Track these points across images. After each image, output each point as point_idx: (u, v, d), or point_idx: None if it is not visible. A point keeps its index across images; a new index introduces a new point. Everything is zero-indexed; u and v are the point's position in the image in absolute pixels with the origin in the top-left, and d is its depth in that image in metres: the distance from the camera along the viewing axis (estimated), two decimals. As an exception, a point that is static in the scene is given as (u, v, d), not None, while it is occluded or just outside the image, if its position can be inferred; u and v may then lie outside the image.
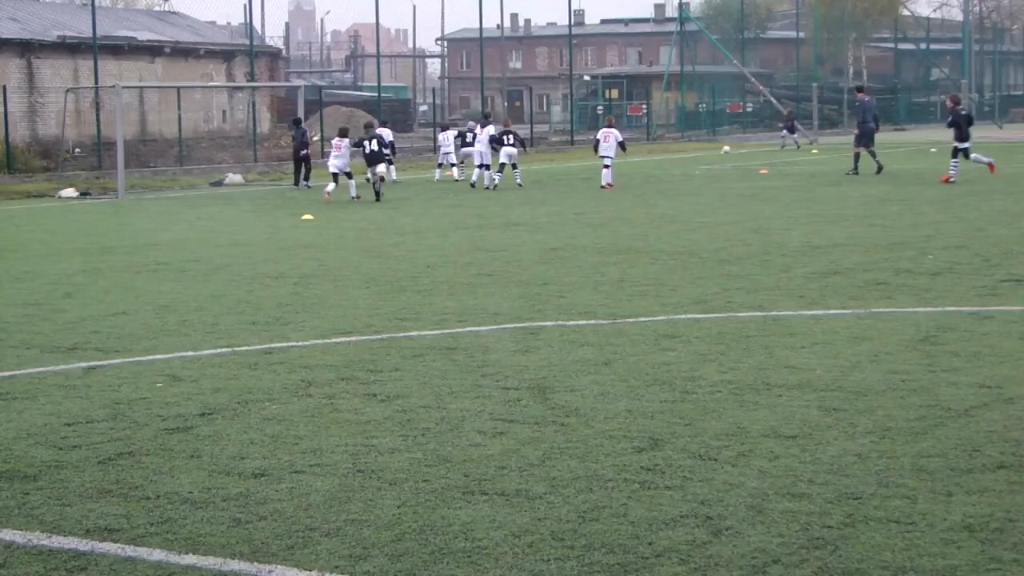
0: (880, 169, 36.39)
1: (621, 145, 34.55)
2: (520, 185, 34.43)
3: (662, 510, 6.98)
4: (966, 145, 33.31)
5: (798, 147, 56.16)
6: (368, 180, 32.41)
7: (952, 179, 32.39)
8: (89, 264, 19.03)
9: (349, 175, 32.51)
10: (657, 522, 6.79)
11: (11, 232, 25.30)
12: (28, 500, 7.42)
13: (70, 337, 12.70)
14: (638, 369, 10.59)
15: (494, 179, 34.82)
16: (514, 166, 35.12)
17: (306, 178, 37.68)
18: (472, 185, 35.40)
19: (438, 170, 39.74)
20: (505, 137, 35.22)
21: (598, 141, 34.81)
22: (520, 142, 36.15)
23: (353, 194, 32.04)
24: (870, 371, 10.33)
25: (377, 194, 31.54)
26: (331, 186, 31.82)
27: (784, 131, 58.18)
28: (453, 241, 21.30)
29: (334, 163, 32.71)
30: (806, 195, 29.94)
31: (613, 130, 34.79)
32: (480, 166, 35.61)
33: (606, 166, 33.99)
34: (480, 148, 35.59)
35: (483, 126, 36.20)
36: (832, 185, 33.08)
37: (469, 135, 38.53)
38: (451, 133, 39.93)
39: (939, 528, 6.63)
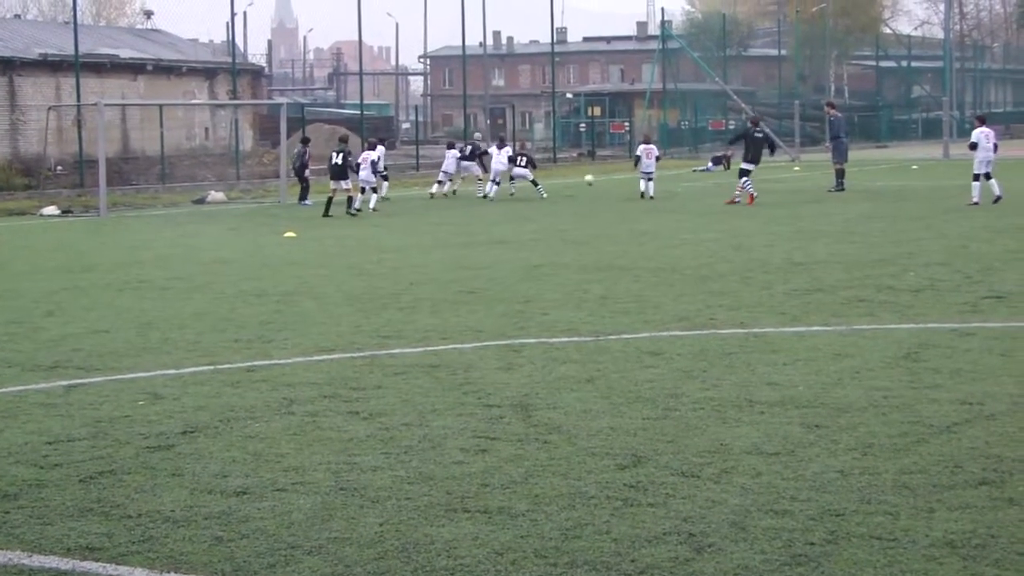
0: (840, 188, 36.77)
1: (657, 159, 37.60)
2: (543, 197, 37.10)
3: (645, 527, 6.97)
4: (750, 167, 33.68)
5: (708, 172, 54.98)
6: (347, 196, 32.92)
7: (739, 200, 32.99)
8: (71, 282, 18.99)
9: (374, 189, 34.21)
10: (640, 539, 6.79)
11: (-8, 250, 25.23)
12: (8, 519, 7.39)
13: (51, 355, 12.66)
14: (621, 386, 10.59)
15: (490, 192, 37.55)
16: (534, 183, 37.73)
17: (304, 197, 37.92)
18: (486, 197, 37.35)
19: (436, 186, 40.12)
20: (519, 159, 38.45)
21: (639, 157, 37.46)
22: (531, 163, 39.06)
23: (370, 205, 33.41)
24: (852, 388, 10.35)
25: (328, 208, 32.06)
26: (373, 198, 33.81)
27: (711, 161, 57.63)
28: (436, 258, 21.30)
29: (361, 175, 34.01)
30: (788, 212, 30.01)
31: (652, 146, 37.78)
32: (495, 182, 37.63)
33: (651, 179, 36.58)
34: (498, 167, 37.86)
35: (500, 147, 38.87)
36: (814, 202, 33.18)
37: (467, 148, 41.10)
38: (456, 152, 40.36)
39: (921, 544, 6.63)
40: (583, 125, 78.57)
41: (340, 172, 32.62)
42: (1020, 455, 8.23)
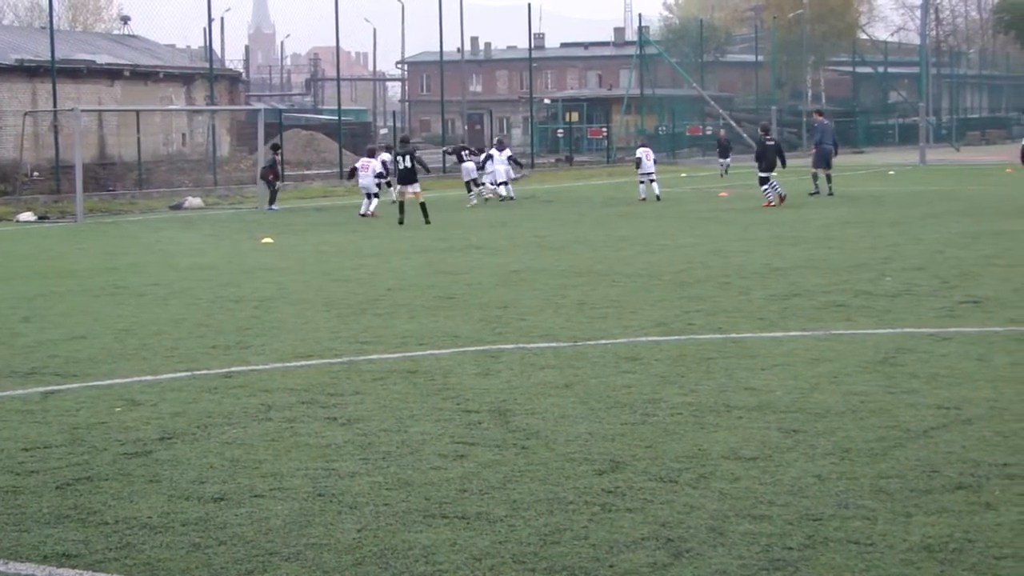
0: (830, 193, 37.18)
1: (655, 161, 39.42)
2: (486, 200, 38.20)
3: (623, 532, 6.98)
4: (767, 175, 34.34)
5: (724, 173, 53.52)
6: (394, 201, 32.15)
7: (773, 203, 33.52)
8: (47, 288, 18.92)
9: (376, 195, 33.78)
10: (618, 544, 6.79)
11: (-32, 256, 25.12)
12: (-15, 526, 7.36)
13: (28, 362, 12.61)
14: (599, 392, 10.60)
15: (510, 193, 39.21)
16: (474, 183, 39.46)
17: (272, 202, 38.02)
18: (501, 199, 38.70)
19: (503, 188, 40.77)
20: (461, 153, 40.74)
21: (640, 159, 38.46)
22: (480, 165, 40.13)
23: (369, 210, 33.19)
24: (830, 393, 10.37)
25: (402, 212, 30.12)
26: (372, 204, 33.47)
27: (719, 156, 55.59)
28: (414, 264, 21.28)
29: (363, 183, 34.09)
30: (766, 217, 30.07)
31: (649, 148, 39.46)
32: (501, 183, 39.00)
33: (653, 180, 37.96)
34: (501, 168, 39.24)
35: (500, 149, 39.97)
36: (792, 207, 33.24)
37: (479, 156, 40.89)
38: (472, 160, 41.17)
39: (899, 549, 6.65)
40: (561, 131, 78.61)
41: (410, 176, 30.45)
42: (997, 459, 8.26)
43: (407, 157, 30.55)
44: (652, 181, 38.09)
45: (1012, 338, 12.82)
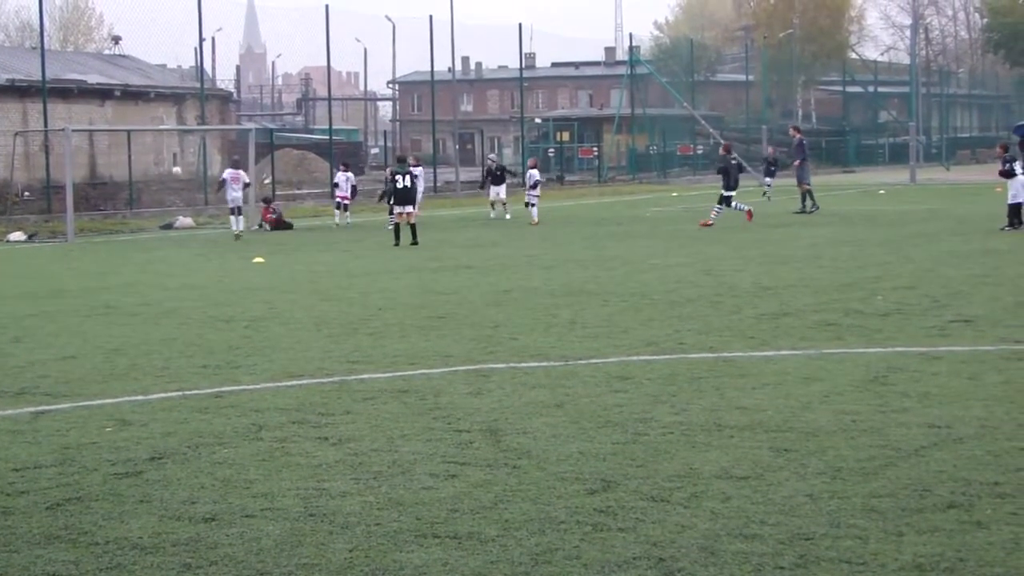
0: (803, 211, 37.60)
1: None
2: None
3: (615, 552, 6.97)
4: (731, 194, 35.01)
5: (770, 197, 47.74)
6: (392, 225, 31.11)
7: (711, 223, 33.82)
8: (38, 308, 18.88)
9: (239, 210, 33.60)
10: (610, 564, 6.78)
11: (-41, 276, 25.07)
12: (-25, 547, 7.34)
13: (18, 382, 12.58)
14: (590, 411, 10.59)
15: None
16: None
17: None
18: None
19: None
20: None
21: (538, 182, 38.77)
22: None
23: (240, 228, 33.19)
24: (821, 412, 10.37)
25: (398, 236, 29.58)
26: (240, 221, 33.44)
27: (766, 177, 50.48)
28: (405, 284, 21.27)
29: (232, 195, 33.90)
30: (756, 236, 30.10)
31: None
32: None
33: (533, 205, 37.92)
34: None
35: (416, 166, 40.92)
36: (782, 226, 33.30)
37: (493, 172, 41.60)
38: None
39: (890, 568, 6.64)
40: (552, 150, 78.68)
41: (408, 196, 29.61)
42: (988, 478, 8.26)
43: (406, 176, 29.73)
44: (532, 205, 37.59)
45: (1003, 357, 12.83)
